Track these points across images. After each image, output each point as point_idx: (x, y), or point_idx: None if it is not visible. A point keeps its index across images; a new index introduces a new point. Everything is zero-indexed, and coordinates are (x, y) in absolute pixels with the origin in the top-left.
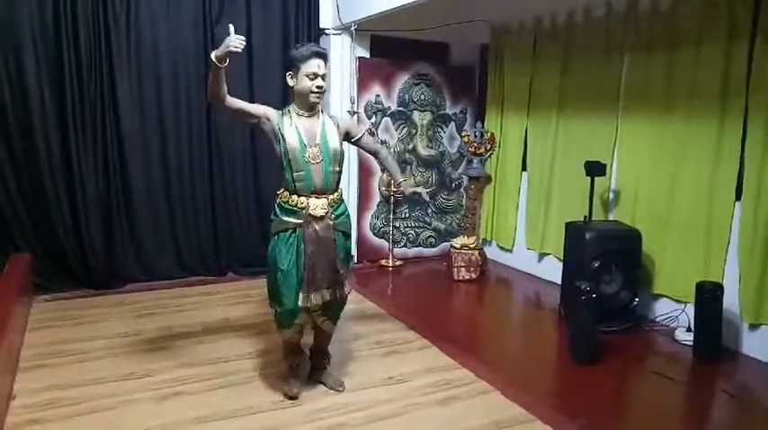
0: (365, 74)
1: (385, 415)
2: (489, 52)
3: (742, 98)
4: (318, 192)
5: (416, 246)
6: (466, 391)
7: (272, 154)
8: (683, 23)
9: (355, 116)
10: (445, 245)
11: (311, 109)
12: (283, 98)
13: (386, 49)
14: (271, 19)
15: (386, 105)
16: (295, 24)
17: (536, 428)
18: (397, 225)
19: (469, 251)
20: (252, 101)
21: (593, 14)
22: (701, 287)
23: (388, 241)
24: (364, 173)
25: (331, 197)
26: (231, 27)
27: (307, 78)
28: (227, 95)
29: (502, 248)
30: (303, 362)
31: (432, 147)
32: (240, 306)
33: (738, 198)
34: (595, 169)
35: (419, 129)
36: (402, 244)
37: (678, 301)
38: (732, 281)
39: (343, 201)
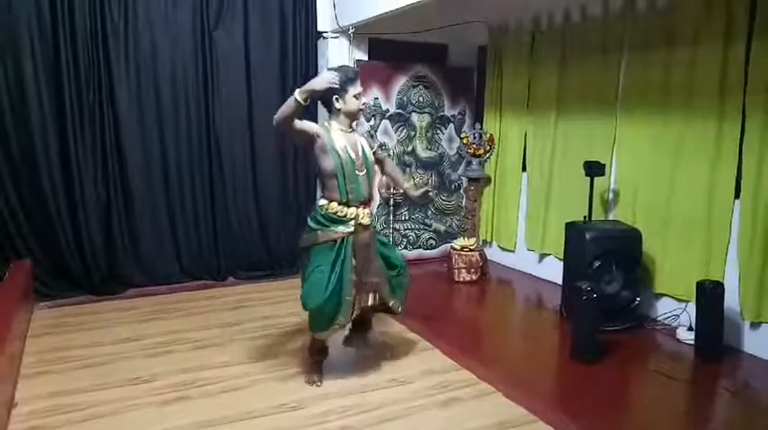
0: (363, 77)
1: (387, 417)
2: (487, 53)
3: (740, 97)
4: (365, 202)
5: (416, 248)
6: (467, 393)
7: (315, 168)
8: (681, 22)
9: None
10: (445, 246)
11: (351, 125)
12: (282, 101)
13: (384, 51)
14: (268, 23)
15: (384, 108)
16: (293, 28)
17: (538, 429)
18: (397, 227)
19: (470, 252)
20: (250, 105)
21: (590, 13)
22: (701, 286)
23: None
24: None
25: (371, 206)
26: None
27: (354, 99)
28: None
29: (502, 249)
30: (326, 359)
31: (431, 149)
32: (241, 310)
33: (737, 196)
34: (595, 169)
35: (418, 131)
36: (402, 246)
37: (679, 300)
38: (733, 279)
39: None
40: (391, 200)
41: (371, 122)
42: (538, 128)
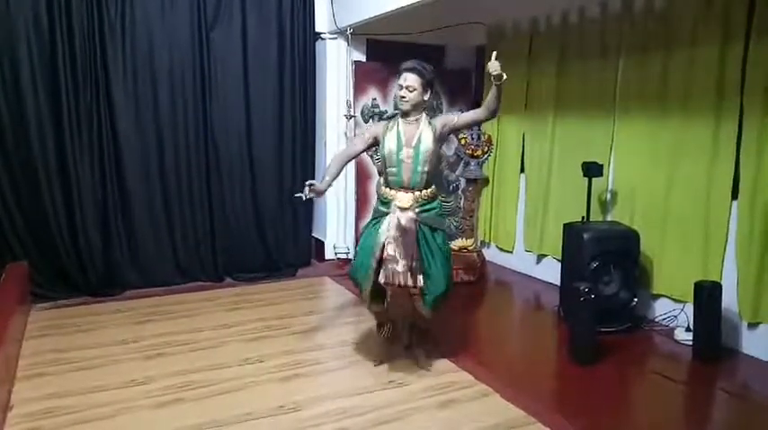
0: (361, 78)
1: (385, 419)
2: (485, 54)
3: (737, 98)
4: (406, 187)
5: None
6: (465, 394)
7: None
8: (678, 24)
9: (352, 120)
10: None
11: (407, 115)
12: (279, 102)
13: (381, 52)
14: (266, 23)
15: (382, 109)
16: (290, 29)
17: None
18: None
19: (468, 253)
20: (248, 105)
21: (587, 15)
22: (699, 286)
23: None
24: (362, 177)
25: (418, 193)
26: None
27: (397, 88)
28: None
29: (500, 250)
30: (394, 333)
31: None
32: (238, 311)
33: (735, 197)
34: (592, 170)
35: None
36: None
37: (677, 301)
38: (730, 279)
39: (435, 198)
40: None
41: (369, 123)
42: (536, 129)
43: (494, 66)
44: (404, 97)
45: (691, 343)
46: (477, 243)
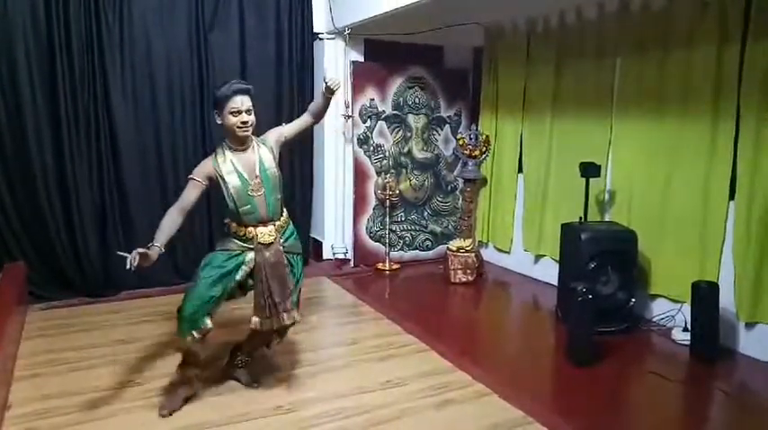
0: (359, 78)
1: (382, 419)
2: (483, 55)
3: (734, 98)
4: (265, 221)
5: (413, 250)
6: (463, 394)
7: (215, 193)
8: (676, 24)
9: (350, 120)
10: (442, 248)
11: (243, 143)
12: (278, 103)
13: (380, 52)
14: (264, 25)
15: (380, 109)
16: (288, 29)
17: None
18: (394, 228)
19: (466, 254)
20: None
21: (585, 16)
22: (696, 286)
23: (384, 245)
24: (360, 177)
25: (278, 223)
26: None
27: (231, 116)
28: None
29: (498, 250)
30: (197, 381)
31: (427, 150)
32: (236, 312)
33: (732, 197)
34: (590, 170)
35: (414, 133)
36: (398, 247)
37: (674, 301)
38: (728, 279)
39: (289, 223)
40: (387, 201)
41: (367, 124)
42: (534, 129)
43: (334, 82)
44: (246, 122)
45: (688, 343)
46: (474, 243)
